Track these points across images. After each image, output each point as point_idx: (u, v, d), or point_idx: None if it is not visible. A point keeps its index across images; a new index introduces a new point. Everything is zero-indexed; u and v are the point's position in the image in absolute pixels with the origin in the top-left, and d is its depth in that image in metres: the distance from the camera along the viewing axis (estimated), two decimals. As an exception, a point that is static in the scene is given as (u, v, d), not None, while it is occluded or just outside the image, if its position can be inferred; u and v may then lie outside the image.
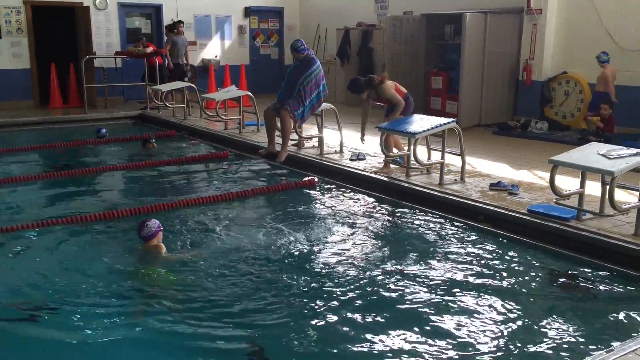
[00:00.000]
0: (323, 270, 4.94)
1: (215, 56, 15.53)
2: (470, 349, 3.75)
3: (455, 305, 4.30)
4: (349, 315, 4.17)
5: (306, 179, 7.57)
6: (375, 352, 3.73)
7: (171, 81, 12.64)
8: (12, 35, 13.01)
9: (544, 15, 10.55)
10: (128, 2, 14.47)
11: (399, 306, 4.31)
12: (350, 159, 8.08)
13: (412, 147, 6.80)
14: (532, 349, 3.76)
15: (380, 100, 7.74)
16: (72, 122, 12.13)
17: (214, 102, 10.92)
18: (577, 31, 10.38)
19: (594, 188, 5.78)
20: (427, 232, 5.85)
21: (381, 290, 4.55)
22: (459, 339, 3.85)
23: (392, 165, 7.45)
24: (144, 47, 13.25)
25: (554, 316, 4.20)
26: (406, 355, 3.69)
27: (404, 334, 3.92)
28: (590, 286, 4.69)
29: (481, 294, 4.49)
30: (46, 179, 7.78)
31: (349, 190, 7.25)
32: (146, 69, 13.12)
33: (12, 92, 13.06)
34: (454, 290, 4.54)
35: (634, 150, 5.42)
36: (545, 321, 4.11)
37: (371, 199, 6.92)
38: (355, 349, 3.77)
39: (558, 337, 3.88)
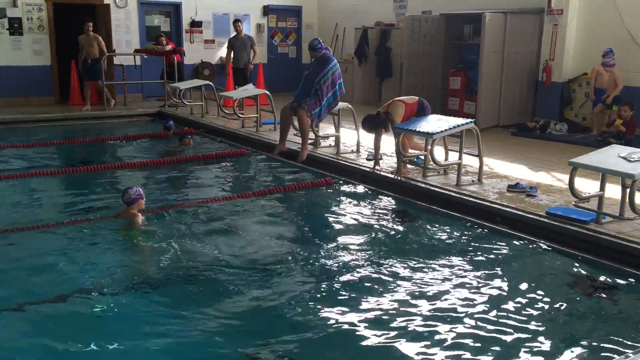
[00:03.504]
0: (335, 270, 4.92)
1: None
2: (485, 353, 3.71)
3: (470, 308, 4.26)
4: (358, 315, 4.15)
5: (322, 178, 7.57)
6: (383, 353, 3.71)
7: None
8: (33, 32, 13.17)
9: (564, 15, 10.43)
10: (148, 0, 14.56)
11: (412, 307, 4.28)
12: (367, 159, 8.05)
13: (429, 148, 6.77)
14: (550, 353, 3.72)
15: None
16: (92, 119, 12.25)
17: (231, 100, 10.95)
18: (598, 32, 10.25)
19: (614, 191, 5.70)
20: (443, 233, 5.82)
21: (395, 291, 4.52)
22: (474, 343, 3.82)
23: (409, 166, 7.42)
24: (163, 45, 13.32)
25: (572, 321, 4.16)
26: (417, 358, 3.67)
27: (416, 336, 3.89)
28: (610, 290, 4.63)
29: (497, 297, 4.46)
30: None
31: (365, 190, 7.23)
32: (165, 67, 13.19)
33: (32, 88, 13.21)
34: (470, 292, 4.51)
35: (656, 153, 5.35)
36: (562, 326, 4.07)
37: (387, 199, 6.89)
38: (362, 349, 3.76)
39: (576, 342, 3.83)
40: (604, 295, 4.57)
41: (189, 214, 6.22)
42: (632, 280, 4.73)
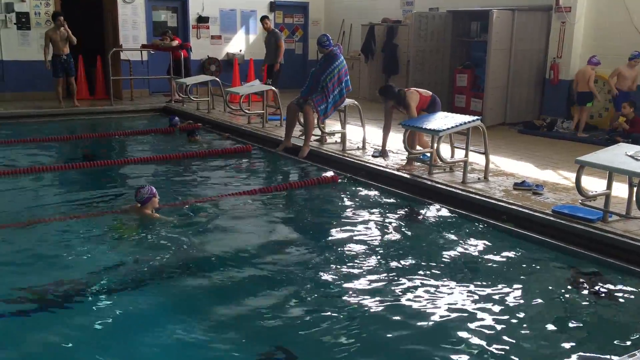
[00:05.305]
0: (341, 267, 4.92)
1: (240, 50, 15.59)
2: (490, 351, 3.71)
3: (474, 305, 4.26)
4: (362, 313, 4.16)
5: (328, 175, 7.57)
6: (386, 351, 3.72)
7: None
8: (41, 27, 13.17)
9: (572, 13, 10.39)
10: (154, -5, 14.59)
11: (416, 305, 4.28)
12: (373, 156, 8.05)
13: (435, 145, 6.76)
14: (555, 352, 3.71)
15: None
16: (98, 114, 12.29)
17: (237, 96, 10.96)
18: (606, 30, 10.20)
19: (620, 189, 5.69)
20: (449, 231, 5.81)
21: (399, 289, 4.52)
22: (478, 341, 3.82)
23: (415, 163, 7.41)
24: (170, 40, 13.33)
25: (578, 319, 4.15)
26: (421, 356, 3.67)
27: (417, 332, 3.90)
28: (616, 289, 4.62)
29: (502, 295, 4.45)
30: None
31: (371, 187, 7.22)
32: (171, 62, 13.21)
33: (39, 83, 13.23)
34: (475, 290, 4.50)
35: (664, 152, 5.33)
36: (568, 324, 4.07)
37: (393, 196, 6.89)
38: (365, 347, 3.76)
39: (582, 341, 3.83)
40: (611, 294, 4.56)
41: (193, 211, 6.22)
42: (638, 278, 4.72)
